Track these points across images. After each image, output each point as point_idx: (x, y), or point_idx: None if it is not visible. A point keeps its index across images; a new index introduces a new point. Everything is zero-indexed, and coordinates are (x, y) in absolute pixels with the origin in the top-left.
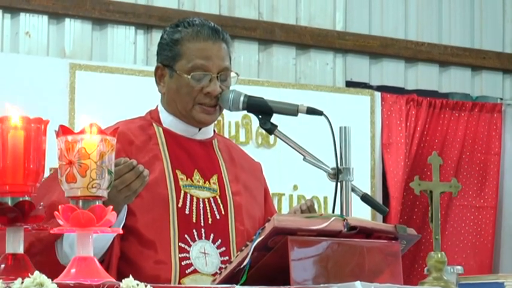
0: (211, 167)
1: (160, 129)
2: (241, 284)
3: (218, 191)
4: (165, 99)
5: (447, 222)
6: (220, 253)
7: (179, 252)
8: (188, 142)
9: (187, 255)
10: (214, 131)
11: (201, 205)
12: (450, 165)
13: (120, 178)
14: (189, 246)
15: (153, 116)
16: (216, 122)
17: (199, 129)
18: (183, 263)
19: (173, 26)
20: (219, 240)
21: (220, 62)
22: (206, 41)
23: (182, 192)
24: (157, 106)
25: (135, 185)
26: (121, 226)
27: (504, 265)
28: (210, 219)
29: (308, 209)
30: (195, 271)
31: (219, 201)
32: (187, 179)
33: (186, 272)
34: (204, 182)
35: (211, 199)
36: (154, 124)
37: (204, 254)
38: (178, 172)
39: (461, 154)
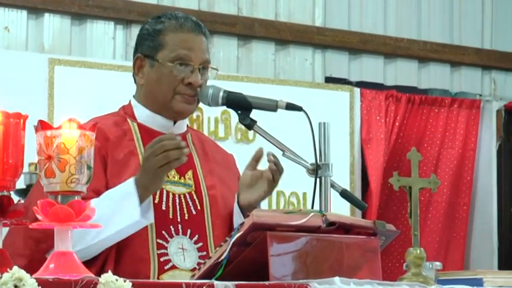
0: (186, 162)
1: (135, 124)
2: (218, 278)
3: (193, 187)
4: (143, 91)
5: (426, 218)
6: (197, 248)
7: (157, 249)
8: None
9: (166, 251)
10: (187, 125)
11: (177, 201)
12: (429, 161)
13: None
14: (167, 242)
15: (127, 111)
16: (193, 116)
17: (174, 123)
18: (161, 259)
19: (155, 18)
20: (196, 236)
21: (202, 54)
22: (189, 32)
23: None
24: (130, 101)
25: (174, 155)
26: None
27: (476, 262)
28: (186, 215)
29: (274, 164)
30: (173, 267)
31: (195, 197)
32: None
33: (165, 268)
34: (180, 178)
35: (187, 195)
36: (128, 119)
37: (182, 250)
38: None
39: (440, 150)
